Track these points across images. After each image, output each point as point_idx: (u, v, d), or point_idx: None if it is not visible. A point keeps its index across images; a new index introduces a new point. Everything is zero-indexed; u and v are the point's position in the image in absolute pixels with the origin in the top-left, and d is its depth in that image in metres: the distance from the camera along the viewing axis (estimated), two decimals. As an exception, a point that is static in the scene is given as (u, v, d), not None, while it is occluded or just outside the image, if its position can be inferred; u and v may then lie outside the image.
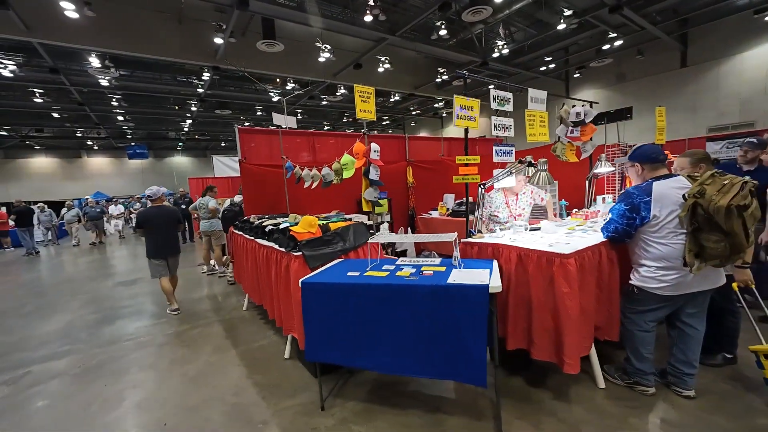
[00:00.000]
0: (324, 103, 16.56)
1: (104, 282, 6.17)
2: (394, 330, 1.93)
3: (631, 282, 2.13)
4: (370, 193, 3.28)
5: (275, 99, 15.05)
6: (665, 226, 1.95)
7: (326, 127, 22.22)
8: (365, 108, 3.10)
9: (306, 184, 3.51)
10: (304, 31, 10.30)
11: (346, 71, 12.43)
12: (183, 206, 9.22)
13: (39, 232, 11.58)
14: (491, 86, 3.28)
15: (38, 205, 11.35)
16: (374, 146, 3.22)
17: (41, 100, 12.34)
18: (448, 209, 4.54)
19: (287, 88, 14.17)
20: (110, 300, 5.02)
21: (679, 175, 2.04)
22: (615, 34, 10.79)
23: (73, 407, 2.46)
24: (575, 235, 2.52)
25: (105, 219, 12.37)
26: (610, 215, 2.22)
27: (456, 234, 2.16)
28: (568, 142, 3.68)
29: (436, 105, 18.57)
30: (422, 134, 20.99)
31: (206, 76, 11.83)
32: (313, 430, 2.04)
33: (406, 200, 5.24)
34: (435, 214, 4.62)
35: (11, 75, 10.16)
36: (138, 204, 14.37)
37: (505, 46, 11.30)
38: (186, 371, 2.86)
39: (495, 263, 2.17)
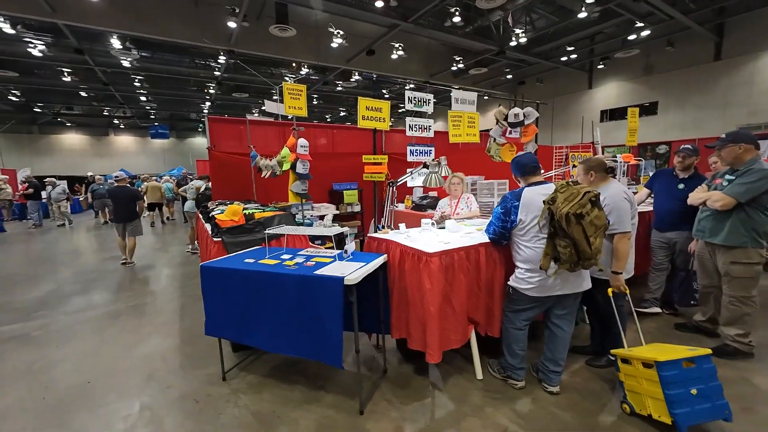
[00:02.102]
0: (339, 89, 16.56)
1: (94, 257, 6.61)
2: (271, 313, 2.12)
3: (508, 282, 2.26)
4: (297, 186, 3.40)
5: (291, 83, 15.17)
6: (530, 230, 2.07)
7: (342, 113, 22.25)
8: (294, 105, 3.25)
9: (263, 174, 3.58)
10: (318, 16, 10.27)
11: (359, 57, 12.34)
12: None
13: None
14: (407, 88, 3.34)
15: (48, 180, 11.21)
16: (302, 141, 3.34)
17: (69, 79, 12.93)
18: (413, 202, 4.66)
19: (302, 73, 14.25)
20: (93, 273, 5.43)
21: (550, 183, 2.15)
22: (642, 24, 10.18)
23: (20, 363, 2.82)
24: (475, 234, 2.59)
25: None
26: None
27: (346, 228, 2.42)
28: (504, 142, 3.80)
29: (452, 94, 18.22)
30: (439, 123, 20.66)
31: (222, 59, 12.03)
32: (207, 396, 2.31)
33: (381, 192, 5.28)
34: (402, 207, 4.70)
35: (41, 54, 10.68)
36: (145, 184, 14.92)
37: (524, 35, 10.87)
38: (128, 339, 3.18)
39: (381, 258, 2.30)
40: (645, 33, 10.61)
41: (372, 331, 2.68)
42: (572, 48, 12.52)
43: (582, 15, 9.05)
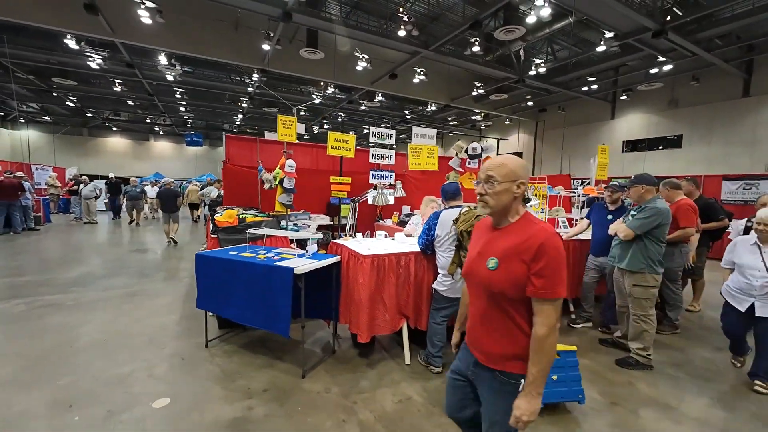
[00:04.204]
0: (363, 108, 17.28)
1: (120, 249, 7.51)
2: (241, 292, 2.67)
3: (432, 285, 2.75)
4: (283, 198, 4.03)
5: (317, 101, 16.03)
6: (444, 243, 2.61)
7: (365, 130, 23.01)
8: (286, 132, 3.99)
9: (265, 186, 4.21)
10: (344, 41, 10.98)
11: (383, 80, 12.96)
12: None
13: (101, 203, 12.99)
14: (370, 128, 4.05)
15: (82, 177, 12.35)
16: (290, 162, 3.99)
17: (119, 89, 14.31)
18: (399, 219, 5.11)
19: (328, 92, 15.05)
20: (118, 261, 6.30)
21: (464, 206, 2.66)
22: (664, 59, 10.18)
23: (56, 323, 3.57)
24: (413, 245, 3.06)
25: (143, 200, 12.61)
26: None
27: (318, 234, 3.20)
28: (462, 171, 4.47)
29: (474, 117, 18.53)
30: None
31: (255, 77, 12.97)
32: (191, 356, 2.93)
33: (374, 208, 5.68)
34: (389, 222, 5.24)
35: (97, 67, 11.99)
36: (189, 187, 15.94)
37: (544, 64, 11.11)
38: (139, 313, 3.87)
39: (334, 258, 2.84)
40: (667, 68, 10.59)
41: (328, 318, 3.17)
42: (594, 78, 12.59)
43: (601, 49, 9.20)
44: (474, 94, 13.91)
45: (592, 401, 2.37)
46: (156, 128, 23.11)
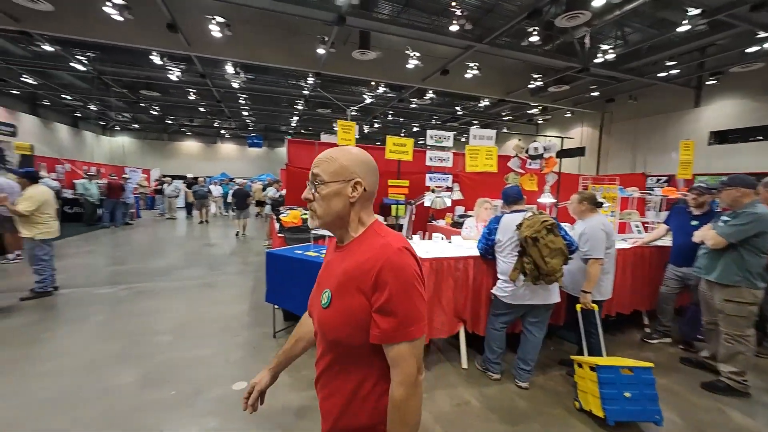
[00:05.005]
0: (413, 106, 17.24)
1: (196, 243, 8.42)
2: (307, 288, 2.61)
3: (491, 290, 2.70)
4: None
5: (368, 101, 16.33)
6: (506, 248, 2.54)
7: (415, 128, 22.93)
8: (346, 137, 4.05)
9: None
10: (395, 40, 11.04)
11: (434, 77, 12.81)
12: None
13: (180, 201, 14.51)
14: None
15: (165, 178, 13.85)
16: None
17: (193, 98, 15.88)
18: (452, 220, 5.03)
19: (379, 91, 15.25)
20: (195, 255, 7.03)
21: (527, 211, 2.56)
22: (766, 34, 8.71)
23: (146, 308, 4.10)
24: (473, 247, 3.00)
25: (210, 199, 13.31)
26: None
27: None
28: (522, 173, 4.32)
29: (530, 111, 17.54)
30: (514, 140, 19.98)
31: (310, 80, 13.58)
32: (261, 345, 3.22)
33: (426, 208, 5.62)
34: (442, 223, 5.18)
35: (176, 79, 13.43)
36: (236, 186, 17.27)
37: (613, 50, 10.15)
38: (214, 302, 4.33)
39: None
40: (770, 45, 9.08)
41: None
42: (674, 63, 11.22)
43: (683, 28, 8.17)
44: (531, 86, 13.16)
45: (671, 424, 2.18)
46: (222, 132, 25.28)
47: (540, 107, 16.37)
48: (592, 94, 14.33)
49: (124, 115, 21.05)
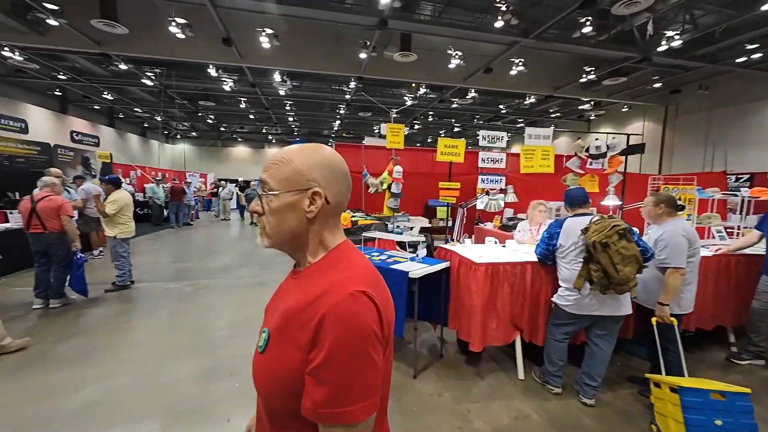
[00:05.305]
0: (454, 105, 16.95)
1: (249, 243, 8.94)
2: None
3: (551, 298, 2.56)
4: (391, 202, 4.21)
5: (409, 103, 16.32)
6: (569, 254, 2.39)
7: (456, 129, 22.52)
8: (394, 140, 4.11)
9: (370, 189, 4.43)
10: (437, 40, 10.93)
11: (476, 75, 12.49)
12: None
13: (233, 203, 15.57)
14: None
15: (221, 182, 15.05)
16: (397, 168, 4.13)
17: (244, 106, 16.91)
18: (501, 222, 4.78)
19: (419, 92, 15.19)
20: (247, 254, 7.52)
21: (595, 215, 2.39)
22: None
23: (209, 302, 4.39)
24: (529, 251, 2.90)
25: None
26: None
27: (422, 237, 3.21)
28: (582, 173, 4.03)
29: (581, 107, 16.47)
30: (563, 138, 18.89)
31: (353, 84, 13.87)
32: None
33: (473, 210, 5.45)
34: (489, 226, 4.94)
35: (229, 89, 14.40)
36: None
37: (678, 36, 9.21)
38: (266, 300, 4.30)
39: (445, 263, 2.84)
40: None
41: (435, 322, 3.19)
42: (756, 45, 9.93)
43: (768, 6, 7.21)
44: (583, 80, 12.36)
45: (772, 460, 1.91)
46: (269, 137, 26.62)
47: (592, 102, 15.31)
48: (655, 85, 13.11)
49: (185, 124, 22.95)
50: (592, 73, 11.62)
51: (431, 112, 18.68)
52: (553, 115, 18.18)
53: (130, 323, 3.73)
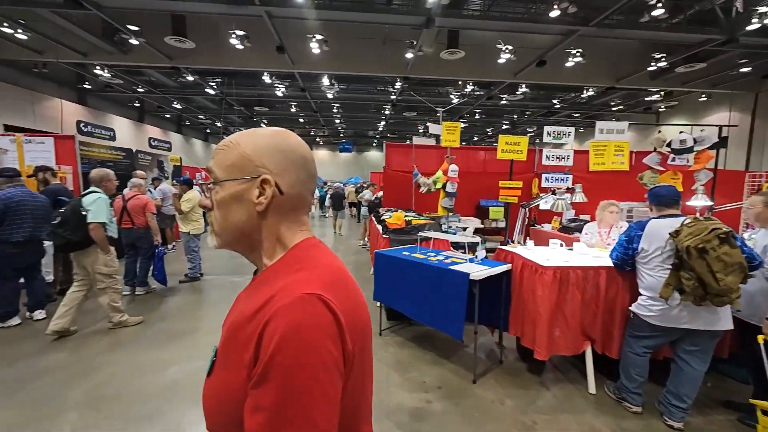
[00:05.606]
0: (503, 102, 16.31)
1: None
2: (414, 290, 2.86)
3: (629, 307, 2.33)
4: (446, 202, 4.11)
5: (455, 101, 16.01)
6: (653, 259, 2.15)
7: (504, 125, 21.68)
8: (450, 138, 4.02)
9: (421, 189, 4.34)
10: (486, 35, 10.59)
11: (528, 69, 11.91)
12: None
13: None
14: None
15: None
16: (453, 167, 4.00)
17: (294, 110, 17.72)
18: (560, 224, 4.41)
19: (466, 90, 14.83)
20: None
21: (686, 217, 2.12)
22: None
23: None
24: (601, 256, 2.74)
25: None
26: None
27: (479, 239, 3.19)
28: (662, 170, 3.68)
29: (648, 98, 14.99)
30: (627, 133, 17.30)
31: (398, 85, 13.92)
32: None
33: (528, 210, 5.16)
34: (547, 227, 4.59)
35: (281, 94, 15.18)
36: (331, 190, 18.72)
37: (775, 12, 7.98)
38: None
39: (506, 266, 2.76)
40: None
41: (493, 326, 3.10)
42: None
43: None
44: (652, 68, 11.24)
45: None
46: (317, 139, 27.63)
47: (662, 92, 13.87)
48: (742, 70, 11.54)
49: (241, 129, 24.58)
50: (663, 60, 10.53)
51: (478, 110, 18.15)
52: (614, 108, 16.76)
53: (202, 312, 4.09)
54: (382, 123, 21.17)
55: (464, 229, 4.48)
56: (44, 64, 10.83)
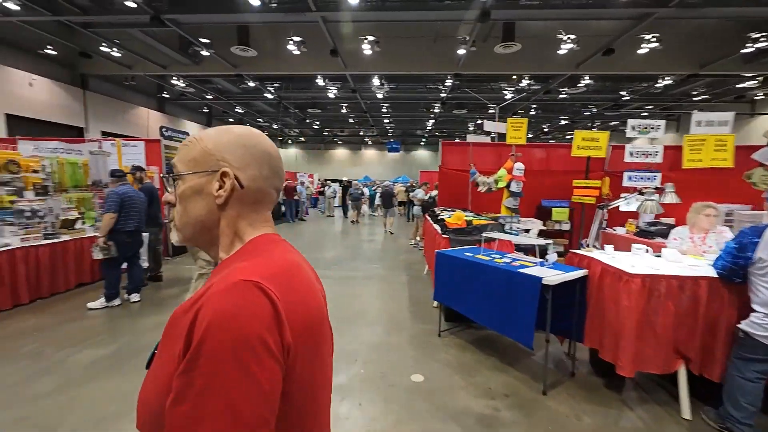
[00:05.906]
0: (562, 96, 15.28)
1: (355, 238, 9.63)
2: (479, 292, 2.79)
3: (738, 325, 2.06)
4: (509, 202, 3.97)
5: (508, 96, 15.32)
6: None
7: (562, 121, 20.31)
8: (515, 135, 3.84)
9: (480, 188, 4.16)
10: (544, 26, 9.99)
11: (592, 59, 11.01)
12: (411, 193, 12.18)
13: (336, 200, 16.98)
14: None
15: (326, 182, 16.80)
16: (518, 165, 3.80)
17: (345, 111, 18.19)
18: (637, 227, 3.92)
19: (521, 84, 14.10)
20: (355, 248, 8.15)
21: None
22: None
23: (329, 292, 4.58)
24: (698, 264, 2.46)
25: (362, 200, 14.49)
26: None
27: (550, 241, 2.97)
28: None
29: (741, 85, 13.10)
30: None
31: (449, 82, 13.65)
32: (428, 342, 3.31)
33: (593, 212, 4.71)
34: (621, 231, 4.12)
35: (333, 96, 15.67)
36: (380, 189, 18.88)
37: None
38: (379, 295, 4.76)
39: (582, 271, 2.57)
40: None
41: (564, 335, 2.91)
42: None
43: None
44: (746, 50, 9.79)
45: None
46: (366, 139, 28.12)
47: (759, 78, 12.02)
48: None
49: (295, 131, 25.85)
50: (762, 40, 9.12)
51: (533, 105, 17.20)
52: (697, 99, 14.87)
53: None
54: (431, 122, 20.93)
55: (527, 231, 4.27)
56: (132, 77, 12.30)
